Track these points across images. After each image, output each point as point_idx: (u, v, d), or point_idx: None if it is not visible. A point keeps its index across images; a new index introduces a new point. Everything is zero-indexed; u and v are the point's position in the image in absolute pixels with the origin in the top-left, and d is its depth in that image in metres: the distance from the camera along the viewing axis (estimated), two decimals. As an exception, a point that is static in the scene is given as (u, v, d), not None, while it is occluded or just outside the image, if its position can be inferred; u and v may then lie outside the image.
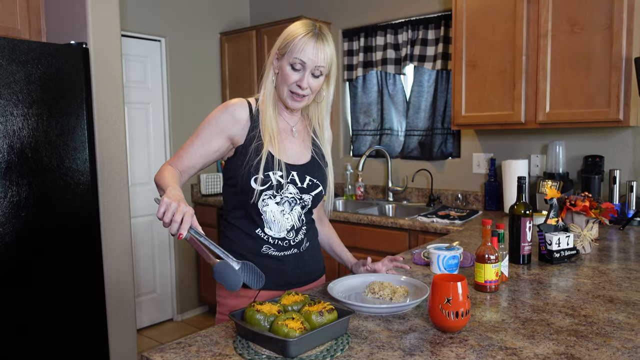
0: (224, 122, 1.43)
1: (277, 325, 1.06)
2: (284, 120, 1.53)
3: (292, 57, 1.40)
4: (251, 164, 1.41)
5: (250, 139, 1.44)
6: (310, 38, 1.40)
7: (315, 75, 1.43)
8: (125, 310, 2.64)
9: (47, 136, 2.17)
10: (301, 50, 1.39)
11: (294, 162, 1.49)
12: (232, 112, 1.44)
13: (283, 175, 1.44)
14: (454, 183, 3.20)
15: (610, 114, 2.29)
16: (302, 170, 1.49)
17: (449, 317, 1.14)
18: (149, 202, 3.69)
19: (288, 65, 1.41)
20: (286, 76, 1.42)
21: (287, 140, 1.51)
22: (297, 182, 1.47)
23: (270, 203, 1.44)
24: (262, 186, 1.41)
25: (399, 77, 3.42)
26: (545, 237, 1.75)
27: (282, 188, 1.44)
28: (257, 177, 1.40)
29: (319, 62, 1.41)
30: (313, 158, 1.54)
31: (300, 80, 1.42)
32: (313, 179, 1.50)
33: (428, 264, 1.75)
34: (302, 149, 1.54)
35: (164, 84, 3.74)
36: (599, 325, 1.19)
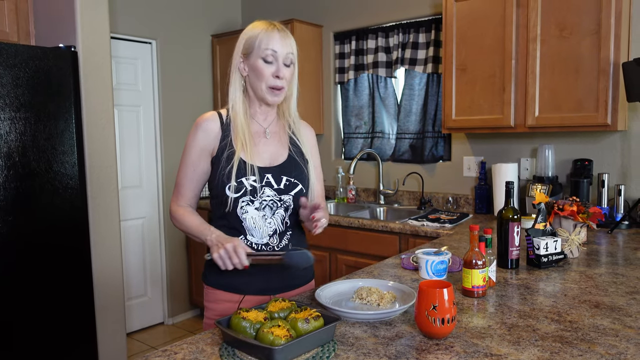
0: (201, 140, 1.47)
1: (263, 333, 1.06)
2: (257, 123, 1.53)
3: (262, 51, 1.42)
4: (223, 172, 1.43)
5: (222, 148, 1.46)
6: (272, 30, 1.44)
7: (286, 64, 1.46)
8: (115, 314, 2.63)
9: (35, 140, 2.16)
10: (268, 41, 1.42)
11: (269, 164, 1.49)
12: (204, 127, 1.47)
13: (257, 179, 1.44)
14: (445, 186, 3.21)
15: (599, 119, 2.31)
16: (277, 172, 1.49)
17: (434, 324, 1.14)
18: (140, 205, 3.68)
19: (260, 60, 1.43)
20: (261, 71, 1.43)
21: (260, 144, 1.51)
22: (272, 184, 1.47)
23: (249, 210, 1.44)
24: (236, 193, 1.42)
25: (390, 80, 3.43)
26: (533, 241, 1.76)
27: (257, 192, 1.44)
28: (230, 185, 1.41)
29: (287, 50, 1.45)
30: (290, 157, 1.54)
31: (277, 71, 1.43)
32: (290, 178, 1.50)
33: (417, 268, 1.76)
34: (277, 149, 1.54)
35: (155, 87, 3.72)
36: (583, 331, 1.20)
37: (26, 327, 2.14)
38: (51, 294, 2.23)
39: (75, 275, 2.32)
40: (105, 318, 2.56)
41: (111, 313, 2.61)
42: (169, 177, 3.83)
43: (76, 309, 2.32)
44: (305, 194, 1.52)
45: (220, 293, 1.49)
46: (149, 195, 3.75)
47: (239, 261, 1.31)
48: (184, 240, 3.96)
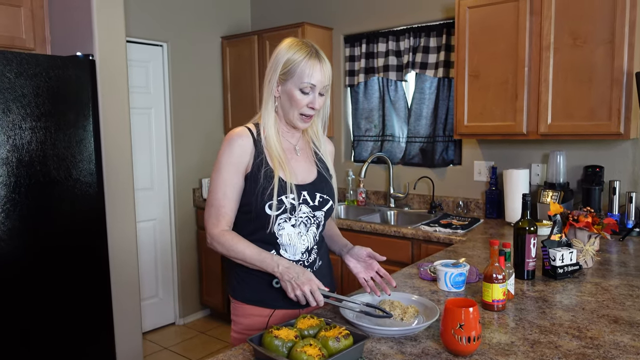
0: (237, 157, 1.45)
1: (297, 352, 1.09)
2: (287, 140, 1.56)
3: (301, 82, 1.43)
4: (264, 190, 1.43)
5: (257, 166, 1.46)
6: (314, 60, 1.44)
7: (321, 94, 1.48)
8: (131, 314, 2.69)
9: (55, 148, 2.19)
10: (310, 75, 1.43)
11: (303, 181, 1.52)
12: (239, 144, 1.46)
13: (295, 197, 1.46)
14: (455, 190, 3.23)
15: (612, 127, 2.33)
16: (311, 189, 1.52)
17: (461, 342, 1.17)
18: (151, 207, 3.71)
19: (297, 90, 1.44)
20: (297, 101, 1.45)
21: (293, 160, 1.53)
22: (308, 201, 1.50)
23: (286, 226, 1.47)
24: (277, 211, 1.44)
25: (401, 83, 3.44)
26: (549, 253, 1.79)
27: (296, 210, 1.47)
28: (272, 204, 1.43)
29: (326, 82, 1.47)
30: (319, 173, 1.57)
31: (312, 102, 1.46)
32: (323, 195, 1.54)
33: (434, 279, 1.79)
34: (308, 166, 1.57)
35: (166, 89, 3.75)
36: (605, 349, 1.23)
37: (47, 326, 2.19)
38: (71, 295, 2.27)
39: (94, 277, 2.36)
40: (122, 317, 2.62)
41: (128, 313, 2.66)
42: (179, 179, 3.86)
43: (95, 309, 2.37)
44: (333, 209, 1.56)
45: (249, 308, 1.51)
46: (160, 197, 3.79)
47: (313, 298, 1.36)
48: (195, 241, 4.00)
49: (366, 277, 1.54)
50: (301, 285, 1.36)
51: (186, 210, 3.93)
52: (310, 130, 1.60)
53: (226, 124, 4.11)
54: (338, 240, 1.66)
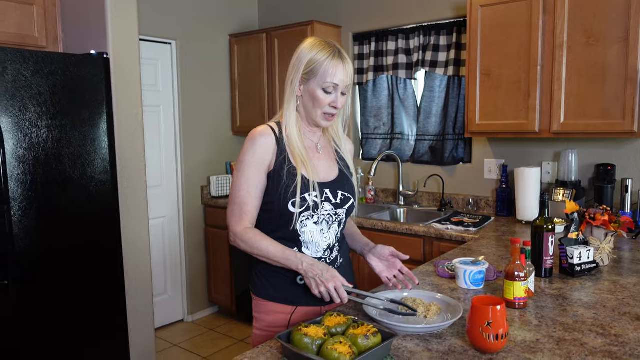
0: (261, 155, 1.46)
1: (328, 350, 1.10)
2: (308, 139, 1.56)
3: (324, 82, 1.44)
4: (287, 188, 1.44)
5: (280, 164, 1.47)
6: (337, 60, 1.45)
7: (343, 93, 1.49)
8: (144, 309, 2.70)
9: (71, 147, 2.19)
10: (333, 74, 1.44)
11: (325, 179, 1.53)
12: (262, 143, 1.46)
13: (317, 194, 1.47)
14: (465, 188, 3.24)
15: (625, 126, 2.33)
16: (334, 186, 1.53)
17: (489, 340, 1.18)
18: (160, 205, 3.72)
19: (320, 89, 1.45)
20: (320, 100, 1.46)
21: (315, 159, 1.54)
22: (331, 199, 1.51)
23: (308, 224, 1.48)
24: (300, 209, 1.45)
25: (410, 81, 3.45)
26: (567, 251, 1.80)
27: (319, 207, 1.48)
28: (295, 201, 1.43)
29: (348, 82, 1.48)
30: (341, 171, 1.58)
31: (334, 102, 1.47)
32: (344, 192, 1.54)
33: (452, 277, 1.79)
34: (329, 164, 1.58)
35: (175, 87, 3.75)
36: (631, 346, 1.24)
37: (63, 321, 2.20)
38: (86, 291, 2.28)
39: (109, 274, 2.37)
40: (135, 314, 2.64)
41: (141, 309, 2.68)
42: (188, 177, 3.86)
43: (109, 305, 2.38)
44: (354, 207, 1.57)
45: (272, 305, 1.52)
46: (169, 195, 3.79)
47: (337, 295, 1.37)
48: (203, 239, 4.00)
49: (389, 275, 1.55)
50: (326, 282, 1.37)
51: (194, 208, 3.93)
52: (331, 129, 1.61)
53: (234, 123, 4.12)
54: (359, 239, 1.67)
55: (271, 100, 3.80)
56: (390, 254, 1.55)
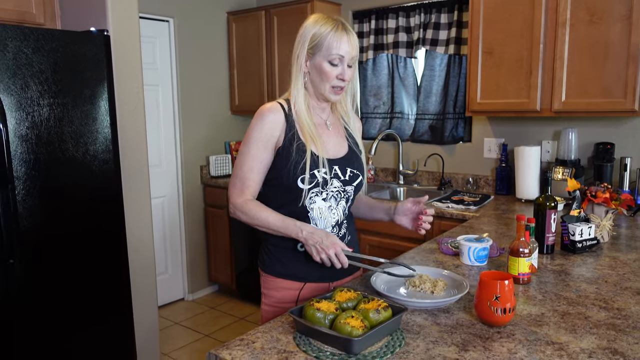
0: (268, 132, 1.46)
1: (340, 324, 1.12)
2: (317, 115, 1.57)
3: (330, 54, 1.44)
4: (296, 164, 1.45)
5: (289, 140, 1.47)
6: (341, 32, 1.45)
7: (349, 65, 1.48)
8: (148, 287, 2.73)
9: (73, 125, 2.18)
10: (339, 46, 1.44)
11: (334, 155, 1.54)
12: (271, 119, 1.47)
13: (327, 171, 1.48)
14: (465, 167, 3.26)
15: (627, 104, 2.35)
16: (342, 163, 1.54)
17: (496, 313, 1.21)
18: (160, 184, 3.72)
19: (326, 62, 1.45)
20: (327, 73, 1.46)
21: (324, 135, 1.55)
22: (339, 176, 1.52)
23: (317, 200, 1.49)
24: (309, 185, 1.46)
25: (410, 60, 3.43)
26: (568, 227, 1.83)
27: (328, 184, 1.49)
28: (304, 177, 1.44)
29: (353, 53, 1.48)
30: (350, 148, 1.59)
31: (341, 74, 1.47)
32: (353, 169, 1.56)
33: (456, 254, 1.82)
34: (339, 140, 1.58)
35: (173, 65, 3.71)
36: (633, 319, 1.27)
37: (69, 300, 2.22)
38: (90, 270, 2.29)
39: (113, 253, 2.38)
40: (139, 292, 2.66)
41: (144, 287, 2.71)
42: (187, 157, 3.85)
43: (113, 283, 2.39)
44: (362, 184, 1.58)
45: (280, 281, 1.54)
46: (169, 174, 3.79)
47: (338, 261, 1.40)
48: (203, 218, 4.02)
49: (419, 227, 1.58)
50: (326, 249, 1.39)
51: (194, 187, 3.93)
52: (340, 106, 1.61)
53: (232, 102, 4.09)
54: (380, 206, 1.68)
55: (270, 79, 3.78)
56: (412, 204, 1.58)
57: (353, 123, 1.64)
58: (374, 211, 1.70)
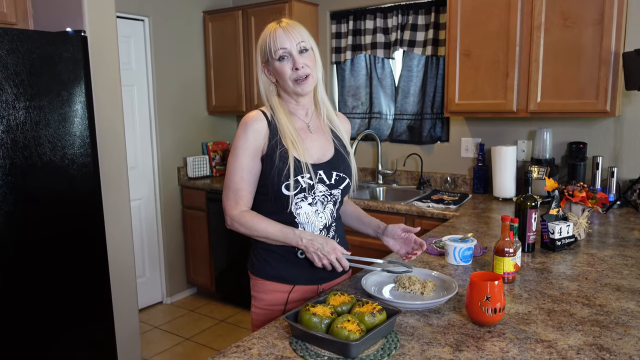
0: (254, 141, 1.48)
1: (337, 328, 1.13)
2: (300, 119, 1.57)
3: (274, 53, 1.47)
4: (280, 171, 1.46)
5: (272, 147, 1.49)
6: (275, 30, 1.48)
7: (302, 51, 1.48)
8: (128, 291, 2.69)
9: (50, 129, 2.12)
10: (276, 42, 1.46)
11: (319, 160, 1.54)
12: (255, 128, 1.49)
13: (311, 176, 1.49)
14: (443, 166, 3.31)
15: (599, 105, 2.43)
16: (328, 167, 1.54)
17: (487, 313, 1.24)
18: (136, 187, 3.65)
19: (276, 62, 1.48)
20: (281, 71, 1.48)
21: (308, 139, 1.55)
22: (325, 180, 1.53)
23: (303, 205, 1.50)
24: (294, 191, 1.46)
25: (388, 61, 3.47)
26: (548, 226, 1.88)
27: (313, 189, 1.50)
28: (288, 184, 1.45)
29: (297, 40, 1.47)
30: (337, 151, 1.59)
31: (294, 64, 1.47)
32: (339, 173, 1.56)
33: (442, 254, 1.86)
34: (324, 144, 1.58)
35: (148, 66, 3.65)
36: (615, 315, 1.32)
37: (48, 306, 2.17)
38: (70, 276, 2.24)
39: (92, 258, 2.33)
40: (120, 297, 2.62)
41: (125, 290, 2.67)
42: (164, 158, 3.80)
43: (93, 288, 2.35)
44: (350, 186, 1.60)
45: (269, 284, 1.54)
46: (145, 176, 3.73)
47: (339, 265, 1.44)
48: (180, 220, 3.97)
49: (406, 251, 1.59)
50: (327, 255, 1.43)
51: (171, 189, 3.88)
52: (323, 105, 1.60)
53: (209, 102, 4.05)
54: (368, 221, 1.70)
55: (248, 79, 3.75)
56: (403, 231, 1.59)
57: (340, 124, 1.64)
58: (363, 226, 1.72)
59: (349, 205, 1.75)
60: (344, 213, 1.73)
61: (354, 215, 1.73)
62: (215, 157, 4.04)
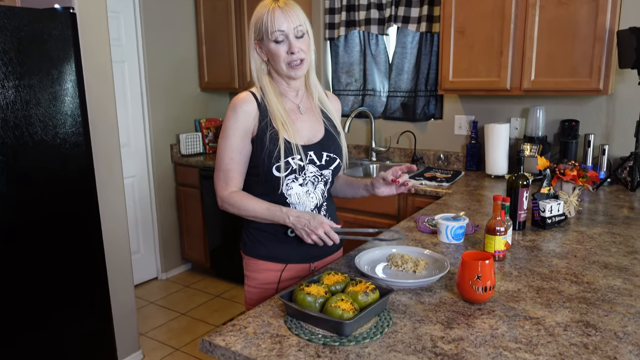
0: (244, 123, 1.48)
1: (331, 307, 1.15)
2: (290, 100, 1.57)
3: (270, 34, 1.44)
4: (270, 153, 1.46)
5: (263, 129, 1.48)
6: (274, 10, 1.44)
7: (298, 36, 1.46)
8: (123, 266, 2.72)
9: (40, 108, 2.10)
10: (274, 23, 1.43)
11: (309, 141, 1.54)
12: (244, 109, 1.48)
13: (302, 157, 1.49)
14: (436, 143, 3.32)
15: (592, 84, 2.43)
16: (318, 148, 1.55)
17: (478, 291, 1.27)
18: (129, 164, 3.64)
19: (272, 43, 1.45)
20: (276, 53, 1.46)
21: (298, 121, 1.55)
22: (315, 161, 1.53)
23: (294, 186, 1.51)
24: (285, 172, 1.47)
25: (382, 37, 3.43)
26: (539, 204, 1.91)
27: (304, 170, 1.51)
28: (279, 166, 1.46)
29: (295, 23, 1.45)
30: (327, 132, 1.59)
31: (290, 48, 1.45)
32: (330, 154, 1.57)
33: (434, 232, 1.88)
34: (314, 124, 1.58)
35: (139, 42, 3.59)
36: (602, 292, 1.35)
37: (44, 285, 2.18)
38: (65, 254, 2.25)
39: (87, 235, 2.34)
40: (115, 272, 2.64)
41: (120, 267, 2.69)
42: (156, 135, 3.78)
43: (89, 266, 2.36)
44: (341, 166, 1.60)
45: (262, 263, 1.56)
46: (138, 154, 3.71)
47: (329, 238, 1.44)
48: (174, 197, 3.97)
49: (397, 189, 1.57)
50: (315, 230, 1.44)
51: (164, 166, 3.87)
52: (313, 87, 1.60)
53: (201, 79, 4.01)
54: (357, 183, 1.68)
55: (240, 56, 3.71)
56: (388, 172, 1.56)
57: (330, 104, 1.64)
58: (354, 188, 1.70)
59: (340, 177, 1.75)
60: (335, 188, 1.73)
61: (344, 184, 1.73)
62: (208, 134, 4.02)
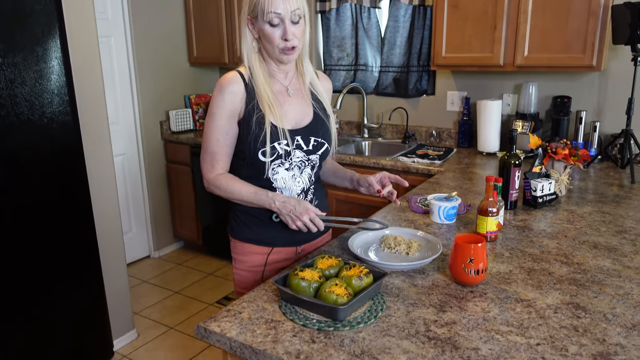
0: (230, 103, 1.44)
1: (326, 292, 1.16)
2: (278, 82, 1.53)
3: (266, 15, 1.38)
4: (256, 137, 1.44)
5: (249, 111, 1.45)
6: None
7: (294, 21, 1.41)
8: (115, 248, 2.71)
9: (26, 86, 2.04)
10: (271, 4, 1.37)
11: (296, 125, 1.52)
12: (230, 90, 1.44)
13: (288, 142, 1.47)
14: (428, 120, 3.31)
15: (585, 60, 2.42)
16: (305, 133, 1.52)
17: (470, 274, 1.28)
18: (118, 142, 3.59)
19: (266, 24, 1.40)
20: (269, 36, 1.41)
21: (286, 103, 1.52)
22: (302, 146, 1.51)
23: (280, 171, 1.50)
24: (271, 157, 1.45)
25: (374, 10, 3.37)
26: (530, 184, 1.92)
27: (290, 155, 1.49)
28: (265, 150, 1.44)
29: (292, 7, 1.39)
30: (316, 115, 1.56)
31: (284, 34, 1.40)
32: (317, 138, 1.54)
33: (426, 212, 1.89)
34: (302, 107, 1.55)
35: (125, 15, 3.50)
36: (591, 273, 1.37)
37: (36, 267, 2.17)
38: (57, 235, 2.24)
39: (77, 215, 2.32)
40: (107, 251, 2.64)
41: (112, 246, 2.68)
42: (146, 112, 3.72)
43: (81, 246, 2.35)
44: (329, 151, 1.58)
45: (249, 246, 1.56)
46: (127, 132, 3.66)
47: (314, 225, 1.43)
48: (165, 175, 3.94)
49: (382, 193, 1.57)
50: (300, 216, 1.43)
51: (154, 143, 3.83)
52: (303, 68, 1.56)
53: (190, 53, 3.93)
54: (343, 174, 1.69)
55: (230, 30, 3.63)
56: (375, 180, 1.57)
57: (320, 84, 1.60)
58: (339, 178, 1.71)
59: (327, 163, 1.74)
60: (323, 172, 1.72)
61: (330, 172, 1.73)
62: (198, 111, 3.97)
